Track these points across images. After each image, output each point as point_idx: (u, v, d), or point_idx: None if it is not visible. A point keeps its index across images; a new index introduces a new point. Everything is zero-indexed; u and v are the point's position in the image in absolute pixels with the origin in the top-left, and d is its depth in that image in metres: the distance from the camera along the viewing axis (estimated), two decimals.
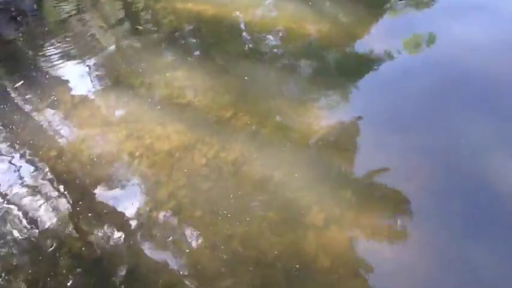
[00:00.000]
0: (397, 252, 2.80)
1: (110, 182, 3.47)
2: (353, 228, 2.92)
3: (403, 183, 3.14)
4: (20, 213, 3.35)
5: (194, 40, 4.97)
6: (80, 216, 3.25)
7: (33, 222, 3.29)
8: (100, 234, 3.13)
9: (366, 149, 3.45)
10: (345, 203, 3.06)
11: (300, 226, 2.95)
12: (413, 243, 2.84)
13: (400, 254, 2.79)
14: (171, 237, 3.02)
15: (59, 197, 3.45)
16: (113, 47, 4.99)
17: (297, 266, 2.74)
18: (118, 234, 3.10)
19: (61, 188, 3.51)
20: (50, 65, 4.82)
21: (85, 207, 3.31)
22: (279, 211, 3.06)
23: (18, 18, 5.58)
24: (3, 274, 2.96)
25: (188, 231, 3.03)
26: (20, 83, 4.54)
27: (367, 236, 2.88)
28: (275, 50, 4.59)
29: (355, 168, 3.34)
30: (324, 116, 3.76)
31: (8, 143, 3.95)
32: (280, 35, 4.73)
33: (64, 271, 2.93)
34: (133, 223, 3.14)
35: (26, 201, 3.43)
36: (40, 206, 3.37)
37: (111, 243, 3.06)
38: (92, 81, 4.50)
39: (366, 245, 2.84)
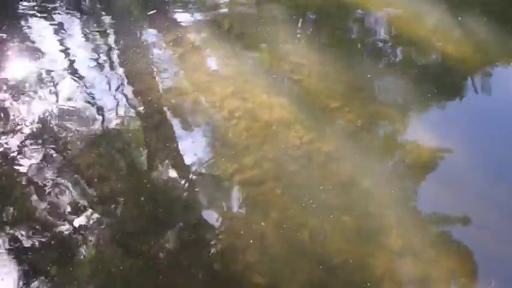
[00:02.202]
0: None
1: (205, 132, 3.59)
2: (429, 266, 2.74)
3: (500, 244, 2.85)
4: (112, 134, 3.54)
5: (324, 21, 4.83)
6: (167, 154, 3.40)
7: (116, 138, 3.49)
8: (178, 180, 3.23)
9: (468, 194, 3.15)
10: (428, 238, 2.87)
11: (373, 243, 2.83)
12: None
13: None
14: (245, 204, 3.07)
15: (154, 129, 3.62)
16: (242, 6, 5.03)
17: (359, 282, 2.65)
18: (196, 186, 3.20)
19: (158, 121, 3.67)
20: (182, 3, 5.01)
21: (175, 146, 3.47)
22: (356, 220, 2.96)
23: None
24: (81, 182, 3.20)
25: (263, 204, 3.05)
26: (152, 12, 4.79)
27: (441, 280, 2.69)
28: (405, 57, 4.32)
29: (450, 209, 3.08)
30: (433, 140, 3.50)
31: (127, 64, 4.22)
32: (415, 43, 4.41)
33: (133, 198, 3.08)
34: (215, 179, 3.23)
35: (119, 122, 3.62)
36: (132, 132, 3.55)
37: (186, 192, 3.16)
38: (214, 32, 4.60)
39: None
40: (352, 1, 4.96)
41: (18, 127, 3.54)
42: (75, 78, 4.03)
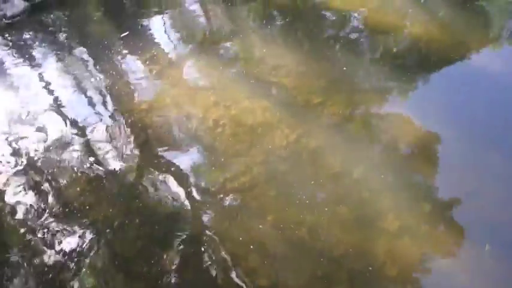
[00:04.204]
0: (471, 280, 2.61)
1: (192, 144, 3.59)
2: (427, 243, 2.77)
3: (493, 211, 2.89)
4: (98, 159, 3.54)
5: (296, 22, 4.89)
6: (156, 172, 3.40)
7: (103, 162, 3.49)
8: (171, 196, 3.23)
9: (455, 166, 3.21)
10: (423, 216, 2.90)
11: (371, 229, 2.85)
12: (490, 276, 2.62)
13: (474, 283, 2.60)
14: (241, 210, 3.07)
15: (140, 148, 3.62)
16: (215, 17, 5.09)
17: (362, 269, 2.66)
18: (190, 199, 3.19)
19: (143, 140, 3.67)
20: (154, 22, 5.05)
21: (164, 162, 3.48)
22: (352, 209, 2.98)
23: None
24: (73, 211, 3.17)
25: (258, 208, 3.06)
26: (125, 34, 4.81)
27: (441, 255, 2.72)
28: (376, 45, 4.39)
29: (440, 183, 3.13)
30: (416, 122, 3.54)
31: (105, 88, 4.22)
32: (385, 30, 4.48)
33: (127, 220, 3.08)
34: (207, 190, 3.23)
35: (105, 146, 3.63)
36: (118, 155, 3.55)
37: (180, 206, 3.16)
38: (190, 45, 4.65)
39: (438, 264, 2.69)
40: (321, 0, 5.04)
41: (4, 163, 3.53)
42: (55, 108, 4.03)
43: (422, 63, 4.18)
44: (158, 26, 4.99)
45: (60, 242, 2.98)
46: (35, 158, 3.56)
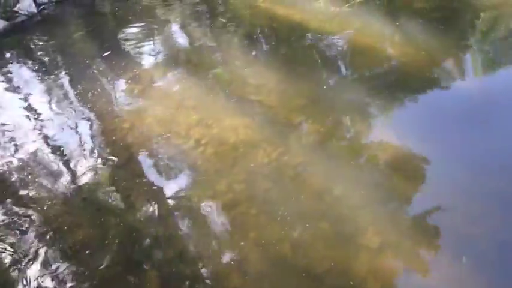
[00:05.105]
0: None
1: (173, 164, 3.60)
2: (408, 258, 2.81)
3: (468, 224, 2.97)
4: (79, 180, 3.50)
5: (276, 42, 5.01)
6: (138, 191, 3.38)
7: (83, 182, 3.46)
8: (153, 215, 3.22)
9: (433, 181, 3.28)
10: (403, 231, 2.95)
11: (353, 245, 2.88)
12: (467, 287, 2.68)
13: None
14: (223, 228, 3.08)
15: (122, 168, 3.61)
16: (196, 36, 5.17)
17: (344, 285, 2.68)
18: (172, 218, 3.19)
19: (125, 160, 3.66)
20: (136, 41, 5.09)
21: (145, 181, 3.46)
22: (333, 225, 3.01)
23: None
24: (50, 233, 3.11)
25: (241, 226, 3.06)
26: (107, 53, 4.83)
27: (422, 270, 2.76)
28: (355, 65, 4.52)
29: (420, 198, 3.19)
30: (395, 139, 3.63)
31: (87, 108, 4.22)
32: (363, 51, 4.62)
33: (107, 241, 3.04)
34: (189, 208, 3.22)
35: (86, 165, 3.60)
36: (99, 174, 3.53)
37: (162, 226, 3.14)
38: (172, 64, 4.68)
39: (419, 279, 2.72)
40: (299, 19, 5.18)
41: None
42: (34, 128, 3.99)
43: (400, 82, 4.30)
44: (141, 45, 5.04)
45: (37, 265, 2.90)
46: (12, 179, 3.50)
